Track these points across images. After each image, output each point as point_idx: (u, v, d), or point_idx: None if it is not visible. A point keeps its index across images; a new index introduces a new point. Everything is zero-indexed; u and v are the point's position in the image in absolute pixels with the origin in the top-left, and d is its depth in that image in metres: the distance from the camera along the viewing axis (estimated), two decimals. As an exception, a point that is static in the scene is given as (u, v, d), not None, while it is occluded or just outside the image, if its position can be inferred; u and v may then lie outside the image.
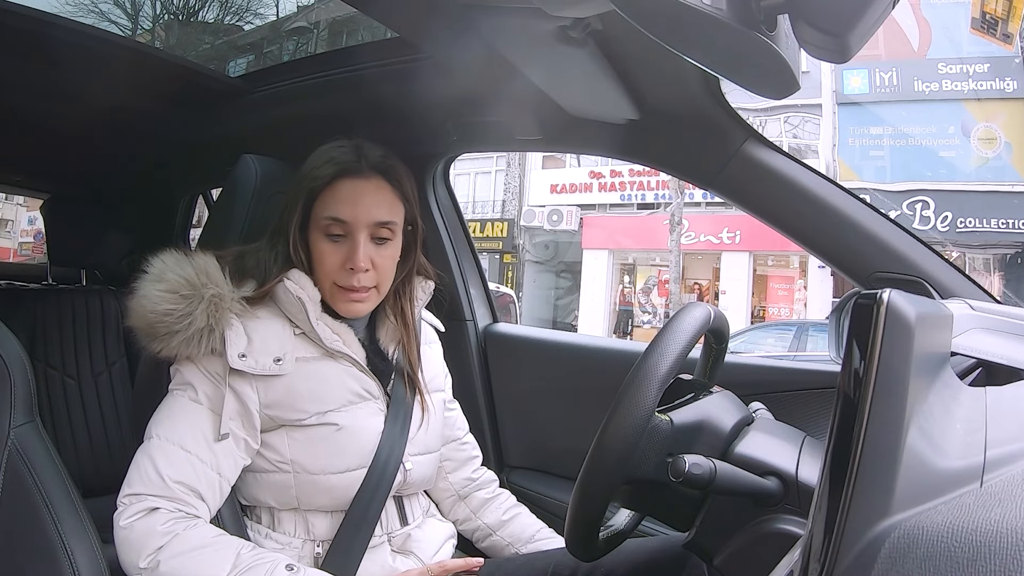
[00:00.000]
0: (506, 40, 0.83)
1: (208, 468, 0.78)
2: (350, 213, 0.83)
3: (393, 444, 0.86)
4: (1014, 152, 9.01)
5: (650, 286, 11.78)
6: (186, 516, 0.75)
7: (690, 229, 10.78)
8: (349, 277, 0.84)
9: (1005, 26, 6.22)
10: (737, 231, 10.58)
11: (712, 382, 0.87)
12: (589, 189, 11.98)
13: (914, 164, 9.40)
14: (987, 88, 9.14)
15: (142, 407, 0.88)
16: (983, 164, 9.11)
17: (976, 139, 9.22)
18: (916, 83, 9.38)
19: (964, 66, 9.09)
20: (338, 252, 0.84)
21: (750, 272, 10.79)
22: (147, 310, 0.78)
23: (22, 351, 0.71)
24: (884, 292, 0.38)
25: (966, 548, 0.29)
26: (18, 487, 0.66)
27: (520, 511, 1.04)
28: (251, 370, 0.79)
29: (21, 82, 1.27)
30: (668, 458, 0.68)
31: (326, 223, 0.83)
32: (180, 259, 0.82)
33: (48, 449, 0.70)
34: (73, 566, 0.65)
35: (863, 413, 0.35)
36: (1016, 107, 9.00)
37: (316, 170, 0.85)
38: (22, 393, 0.69)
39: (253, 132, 1.41)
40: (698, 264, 11.48)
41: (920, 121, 9.36)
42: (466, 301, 1.40)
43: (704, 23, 0.43)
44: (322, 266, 0.84)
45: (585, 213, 12.01)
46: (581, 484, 0.68)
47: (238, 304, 0.81)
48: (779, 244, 9.91)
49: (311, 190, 0.84)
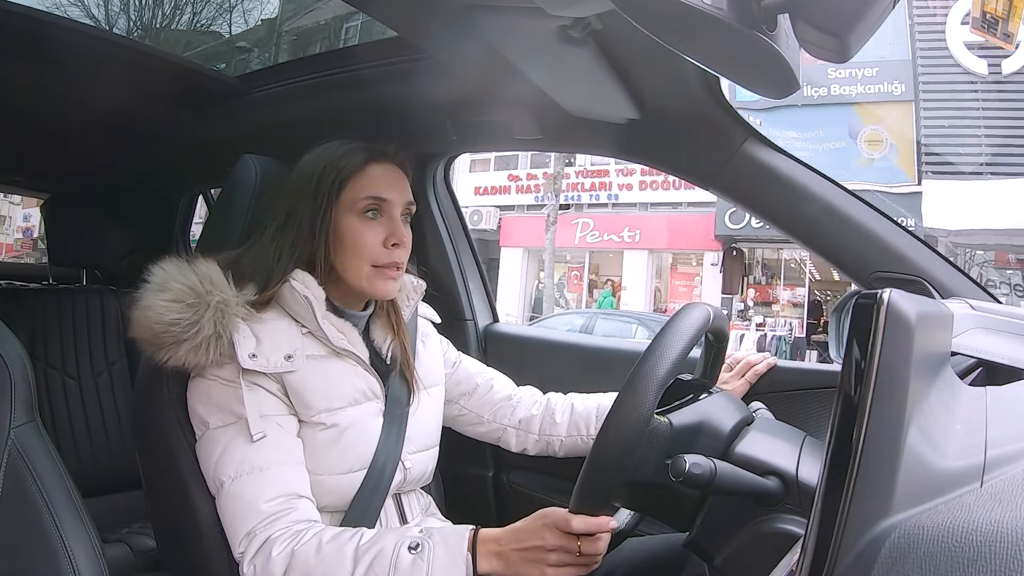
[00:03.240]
0: (506, 40, 0.83)
1: (283, 465, 0.77)
2: (389, 192, 0.85)
3: (391, 444, 0.86)
4: (900, 153, 9.33)
5: (563, 282, 12.59)
6: (298, 531, 0.74)
7: (595, 228, 11.84)
8: (390, 254, 0.85)
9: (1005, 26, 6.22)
10: (637, 230, 11.52)
11: (712, 381, 0.87)
12: (508, 191, 12.75)
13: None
14: (875, 92, 9.41)
15: (142, 408, 0.88)
16: (869, 165, 9.42)
17: (863, 141, 9.51)
18: (806, 88, 9.58)
19: (853, 70, 9.31)
20: (378, 231, 0.85)
21: (649, 269, 11.63)
22: (152, 321, 0.77)
23: (22, 351, 0.71)
24: (884, 292, 0.38)
25: (966, 548, 0.29)
26: (18, 487, 0.66)
27: (574, 399, 1.05)
28: (263, 369, 0.79)
29: (21, 82, 1.27)
30: (667, 460, 0.68)
31: (365, 203, 0.84)
32: (182, 267, 0.81)
33: (48, 449, 0.70)
34: (73, 566, 0.65)
35: (863, 413, 0.35)
36: (902, 109, 9.24)
37: (343, 159, 0.85)
38: (22, 393, 0.69)
39: (253, 132, 1.41)
40: (610, 261, 12.25)
41: (810, 126, 9.61)
42: (466, 300, 1.41)
43: (704, 23, 0.43)
44: (361, 248, 0.84)
45: (505, 214, 12.75)
46: (580, 487, 0.68)
47: (243, 308, 0.80)
48: (678, 243, 11.06)
49: (340, 177, 0.84)
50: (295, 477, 0.78)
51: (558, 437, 1.02)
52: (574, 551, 0.72)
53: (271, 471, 0.76)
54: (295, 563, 0.72)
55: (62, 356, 1.61)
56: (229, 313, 0.79)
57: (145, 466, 0.89)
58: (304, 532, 0.74)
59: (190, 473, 0.81)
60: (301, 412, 0.81)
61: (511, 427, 1.04)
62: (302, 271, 0.84)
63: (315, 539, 0.73)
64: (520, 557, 0.72)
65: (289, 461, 0.78)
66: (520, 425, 1.03)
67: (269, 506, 0.75)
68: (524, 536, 0.73)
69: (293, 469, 0.78)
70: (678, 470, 0.65)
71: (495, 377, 1.07)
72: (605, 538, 0.73)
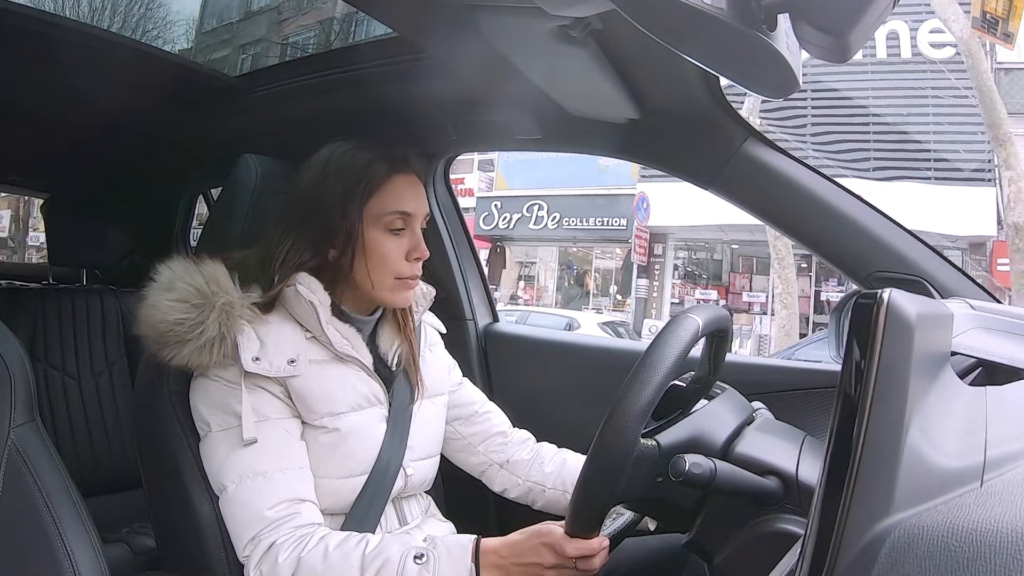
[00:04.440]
0: (506, 40, 0.83)
1: (287, 471, 0.77)
2: (413, 206, 0.86)
3: (394, 450, 0.86)
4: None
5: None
6: (303, 536, 0.75)
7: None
8: (413, 267, 0.86)
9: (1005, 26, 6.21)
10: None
11: (714, 379, 0.86)
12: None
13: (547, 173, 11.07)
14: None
15: (142, 406, 0.88)
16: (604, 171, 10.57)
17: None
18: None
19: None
20: (401, 245, 0.85)
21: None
22: (157, 320, 0.78)
23: (22, 351, 0.71)
24: (884, 292, 0.38)
25: (966, 548, 0.29)
26: (18, 487, 0.66)
27: (567, 455, 1.01)
28: (265, 372, 0.79)
29: (21, 82, 1.27)
30: (658, 479, 0.68)
31: (391, 218, 0.84)
32: (189, 267, 0.81)
33: (48, 449, 0.70)
34: (73, 566, 0.65)
35: (863, 412, 0.35)
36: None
37: (368, 169, 0.84)
38: (22, 393, 0.69)
39: (254, 132, 1.41)
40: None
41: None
42: (466, 300, 1.41)
43: (704, 22, 0.43)
44: (386, 261, 0.84)
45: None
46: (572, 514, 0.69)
47: (248, 310, 0.80)
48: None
49: (368, 190, 0.83)
50: (299, 481, 0.78)
51: (541, 487, 0.99)
52: (571, 567, 0.74)
53: (274, 476, 0.76)
54: (302, 569, 0.72)
55: (62, 356, 1.60)
56: (234, 315, 0.79)
57: (145, 465, 0.89)
58: (309, 537, 0.74)
59: (190, 472, 0.81)
60: (305, 415, 0.81)
61: (497, 464, 1.01)
62: (308, 275, 0.83)
63: (321, 545, 0.74)
64: (520, 571, 0.74)
65: (292, 466, 0.78)
66: (507, 465, 1.01)
67: (273, 512, 0.75)
68: (523, 552, 0.75)
69: (296, 473, 0.78)
70: (678, 470, 0.65)
71: (493, 411, 1.05)
72: (601, 555, 0.75)
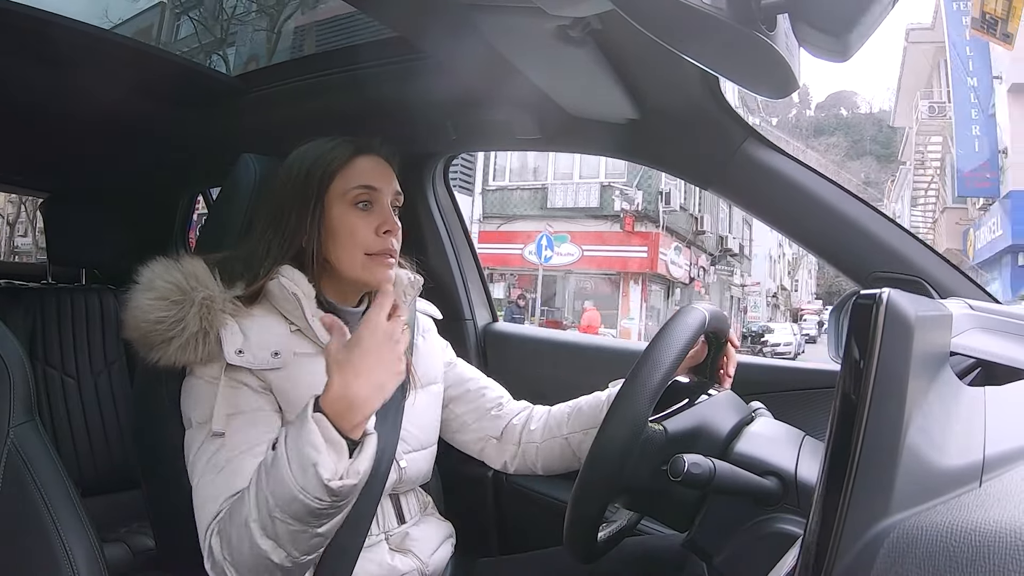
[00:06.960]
0: (506, 40, 0.83)
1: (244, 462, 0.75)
2: (378, 181, 0.86)
3: (385, 442, 0.85)
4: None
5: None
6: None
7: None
8: (383, 242, 0.85)
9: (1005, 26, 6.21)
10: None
11: (712, 380, 0.86)
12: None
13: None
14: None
15: (141, 407, 0.88)
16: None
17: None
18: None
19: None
20: (370, 220, 0.85)
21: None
22: (139, 320, 0.78)
23: (21, 350, 0.71)
24: (883, 292, 0.38)
25: (965, 548, 0.29)
26: (17, 486, 0.66)
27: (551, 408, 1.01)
28: (249, 365, 0.78)
29: (21, 81, 1.27)
30: (663, 467, 0.68)
31: (356, 192, 0.85)
32: (169, 265, 0.81)
33: (47, 448, 0.70)
34: (73, 565, 0.65)
35: (862, 412, 0.35)
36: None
37: (329, 153, 0.86)
38: (21, 392, 0.69)
39: (253, 131, 1.41)
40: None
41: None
42: (466, 300, 1.41)
43: (704, 23, 0.43)
44: (355, 237, 0.84)
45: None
46: (576, 497, 0.69)
47: (231, 304, 0.80)
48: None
49: (329, 170, 0.85)
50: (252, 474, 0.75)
51: (533, 444, 0.99)
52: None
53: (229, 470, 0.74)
54: (223, 537, 0.70)
55: (61, 355, 1.60)
56: (215, 309, 0.79)
57: (144, 464, 0.89)
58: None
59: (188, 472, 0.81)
60: (288, 411, 0.80)
61: (493, 438, 1.01)
62: (291, 268, 0.83)
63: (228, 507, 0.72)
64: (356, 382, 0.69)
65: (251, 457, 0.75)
66: (501, 437, 1.01)
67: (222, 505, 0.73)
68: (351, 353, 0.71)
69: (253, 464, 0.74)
70: (677, 470, 0.65)
71: (489, 385, 1.05)
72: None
